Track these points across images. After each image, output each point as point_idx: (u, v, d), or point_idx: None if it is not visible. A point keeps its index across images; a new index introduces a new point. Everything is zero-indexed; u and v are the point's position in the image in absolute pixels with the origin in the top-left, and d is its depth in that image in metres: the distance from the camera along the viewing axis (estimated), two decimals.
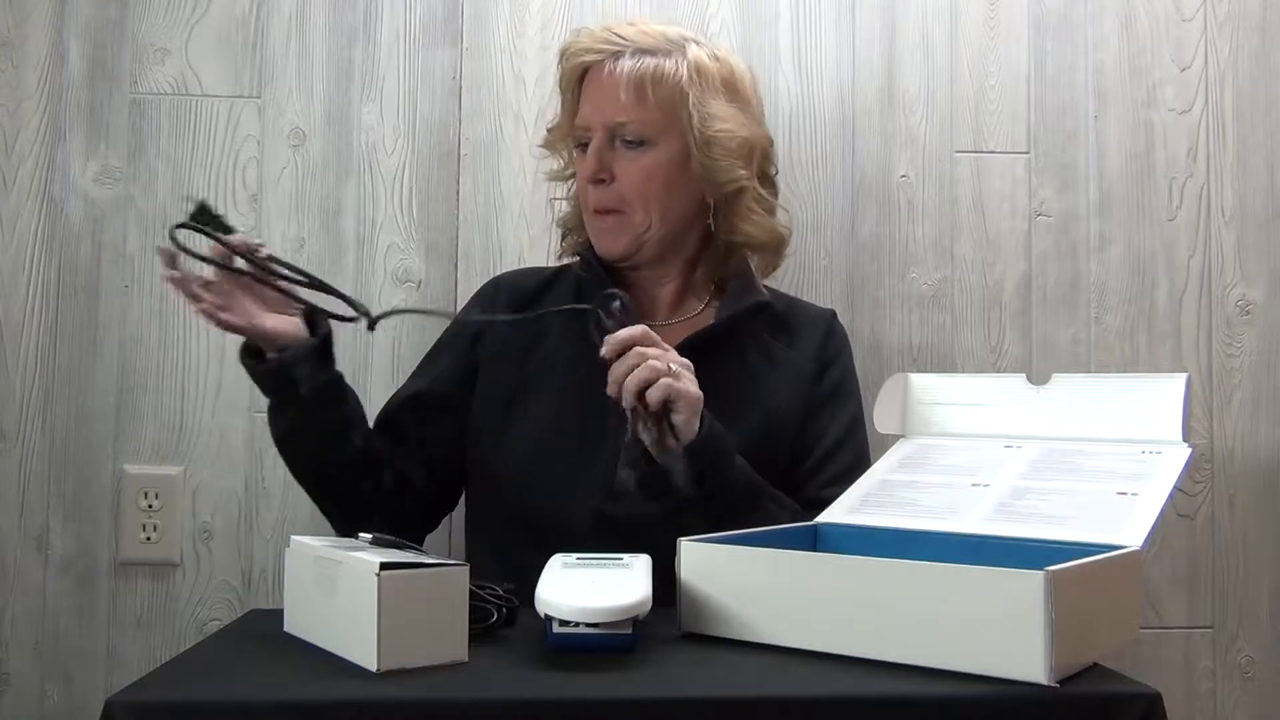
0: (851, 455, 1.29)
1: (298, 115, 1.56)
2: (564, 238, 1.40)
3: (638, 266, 1.31)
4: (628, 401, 1.06)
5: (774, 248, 1.35)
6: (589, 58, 1.27)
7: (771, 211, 1.34)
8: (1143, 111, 1.61)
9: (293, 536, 0.98)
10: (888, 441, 1.23)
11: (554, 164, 1.40)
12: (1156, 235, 1.61)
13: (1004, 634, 0.79)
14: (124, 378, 1.52)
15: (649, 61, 1.24)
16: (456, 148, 1.56)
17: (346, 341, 1.52)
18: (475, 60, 1.57)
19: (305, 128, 1.56)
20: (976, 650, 0.81)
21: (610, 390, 1.07)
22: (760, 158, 1.32)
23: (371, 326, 1.07)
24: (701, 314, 1.33)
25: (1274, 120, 1.62)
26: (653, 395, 1.05)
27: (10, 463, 1.51)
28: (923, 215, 1.60)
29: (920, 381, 1.23)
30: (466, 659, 0.86)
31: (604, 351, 1.07)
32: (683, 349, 1.15)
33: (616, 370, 1.07)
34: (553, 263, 1.47)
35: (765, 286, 1.35)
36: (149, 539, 1.50)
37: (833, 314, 1.39)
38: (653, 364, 1.06)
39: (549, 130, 1.38)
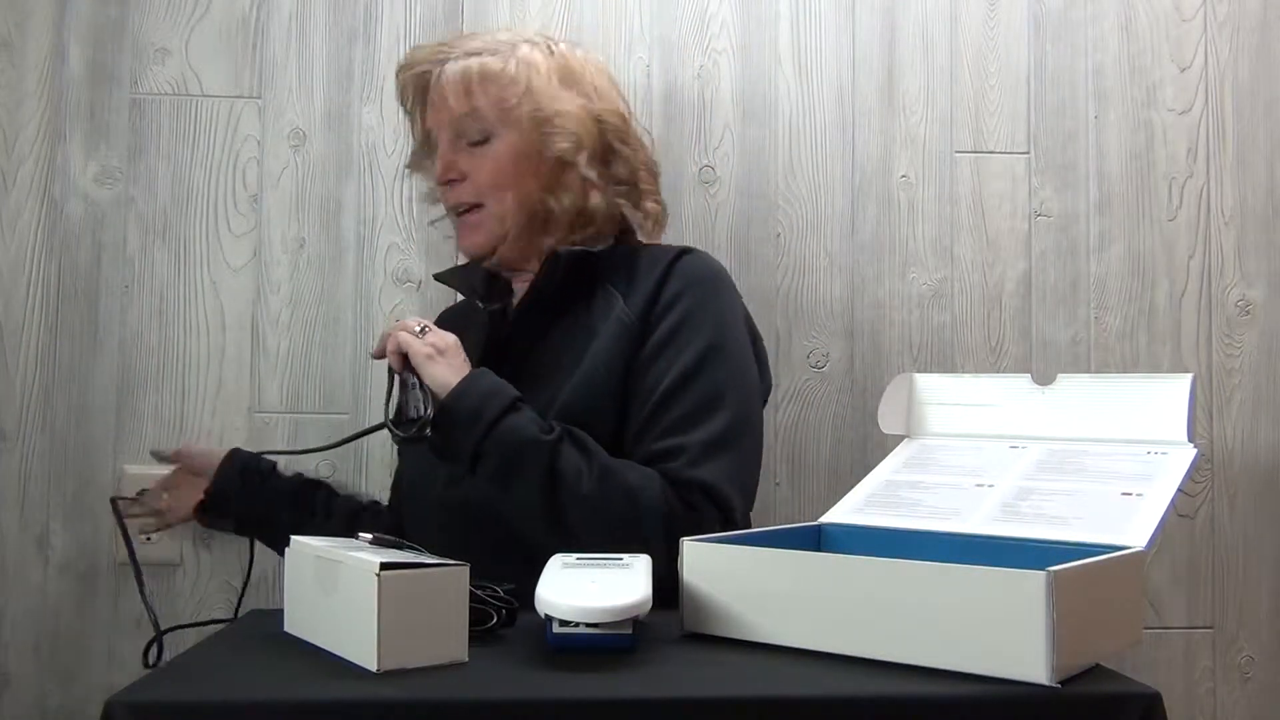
0: (693, 400, 1.18)
1: (298, 115, 1.56)
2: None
3: (505, 266, 1.31)
4: (396, 367, 1.19)
5: (600, 222, 1.30)
6: (420, 68, 1.31)
7: (601, 189, 1.29)
8: (1143, 111, 1.61)
9: (293, 536, 0.98)
10: (891, 442, 1.23)
11: (425, 187, 1.44)
12: (1156, 235, 1.61)
13: (1006, 634, 0.79)
14: (124, 378, 1.52)
15: (474, 61, 1.28)
16: None
17: (346, 342, 1.53)
18: None
19: (305, 128, 1.56)
20: (978, 650, 0.80)
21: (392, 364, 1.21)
22: (596, 135, 1.29)
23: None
24: None
25: (1274, 120, 1.62)
26: (394, 359, 1.18)
27: (10, 463, 1.51)
28: (923, 215, 1.60)
29: (925, 382, 1.23)
30: (466, 659, 0.86)
31: (373, 351, 1.23)
32: (512, 322, 1.27)
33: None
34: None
35: (630, 239, 1.33)
36: (149, 539, 1.50)
37: (678, 253, 1.27)
38: (396, 334, 1.19)
39: (412, 153, 1.42)
